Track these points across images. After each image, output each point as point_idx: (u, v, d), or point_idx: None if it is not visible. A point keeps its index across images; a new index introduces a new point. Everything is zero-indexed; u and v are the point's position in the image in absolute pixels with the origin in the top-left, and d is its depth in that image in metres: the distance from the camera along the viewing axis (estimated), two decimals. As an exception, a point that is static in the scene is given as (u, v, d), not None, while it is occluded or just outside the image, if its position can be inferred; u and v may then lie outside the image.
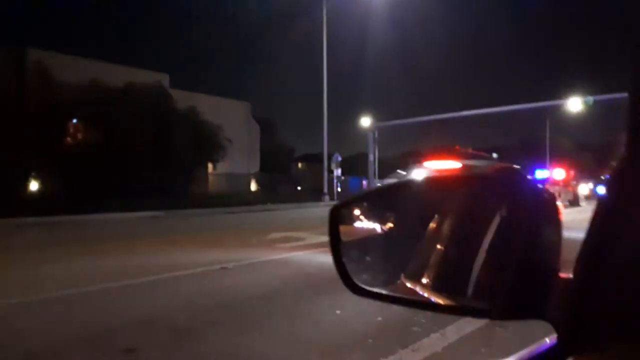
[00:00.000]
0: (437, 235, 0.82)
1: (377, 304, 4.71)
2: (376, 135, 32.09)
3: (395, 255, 0.89)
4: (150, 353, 3.53)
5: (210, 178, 27.51)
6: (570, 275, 0.53)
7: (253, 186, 30.21)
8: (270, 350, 3.59)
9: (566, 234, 0.59)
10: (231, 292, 5.45)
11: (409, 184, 0.89)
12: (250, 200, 23.17)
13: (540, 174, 23.76)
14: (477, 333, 3.67)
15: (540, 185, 0.63)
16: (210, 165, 26.47)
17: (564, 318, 0.52)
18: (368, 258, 0.87)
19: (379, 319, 4.16)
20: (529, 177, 0.76)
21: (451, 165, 13.75)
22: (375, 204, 0.93)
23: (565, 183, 21.16)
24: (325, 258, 8.26)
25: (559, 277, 0.55)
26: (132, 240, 10.50)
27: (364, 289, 0.80)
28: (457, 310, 0.72)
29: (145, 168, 20.29)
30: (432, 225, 0.84)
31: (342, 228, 0.87)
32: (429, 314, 0.71)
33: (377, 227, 0.89)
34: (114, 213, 16.27)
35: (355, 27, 61.39)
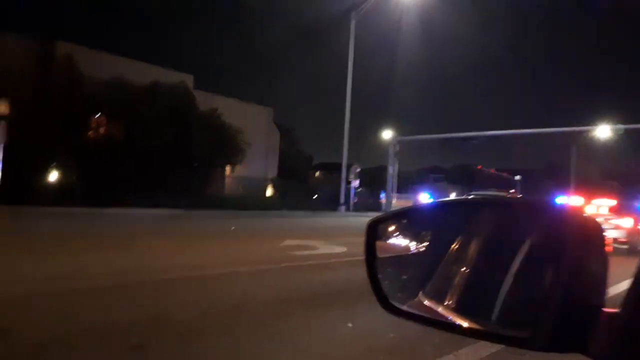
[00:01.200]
0: (461, 256, 0.79)
1: (390, 319, 4.60)
2: (397, 148, 31.93)
3: (423, 274, 0.84)
4: (158, 351, 3.48)
5: (228, 180, 27.67)
6: (617, 310, 0.52)
7: (269, 191, 30.28)
8: (278, 359, 3.50)
9: None
10: (243, 297, 5.39)
11: (447, 204, 0.84)
12: (266, 205, 23.23)
13: (560, 199, 23.45)
14: (493, 357, 3.52)
15: (586, 214, 0.61)
16: (228, 168, 26.67)
17: (608, 354, 0.51)
18: (404, 277, 0.83)
19: (391, 335, 4.05)
20: (573, 205, 0.71)
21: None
22: (413, 222, 0.90)
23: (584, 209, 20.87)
24: (339, 269, 8.18)
25: (604, 311, 0.54)
26: (147, 237, 10.55)
27: (396, 307, 0.78)
28: (496, 338, 0.68)
29: (164, 166, 20.52)
30: (454, 246, 0.82)
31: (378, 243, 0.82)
32: (443, 334, 0.66)
33: (411, 244, 0.84)
34: (132, 208, 16.47)
35: (382, 40, 61.49)
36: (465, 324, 0.69)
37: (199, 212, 18.22)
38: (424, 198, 52.55)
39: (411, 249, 0.86)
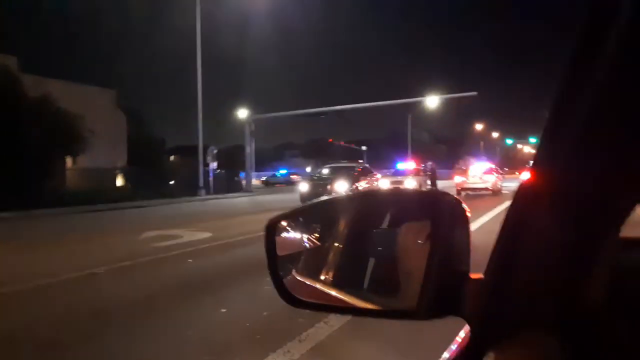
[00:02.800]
0: (333, 234, 0.87)
1: (261, 300, 4.77)
2: (253, 127, 31.97)
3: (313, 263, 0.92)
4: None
5: (70, 173, 24.87)
6: (481, 276, 0.61)
7: (120, 181, 28.04)
8: (155, 356, 3.45)
9: None
10: (104, 299, 5.07)
11: (329, 201, 0.95)
12: (117, 197, 21.47)
13: (400, 165, 26.06)
14: (356, 320, 3.93)
15: (450, 194, 0.71)
16: (69, 159, 23.95)
17: (476, 314, 0.60)
18: (303, 265, 0.90)
19: (265, 313, 4.24)
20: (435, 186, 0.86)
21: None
22: (306, 218, 0.96)
23: (417, 172, 23.56)
24: (206, 255, 8.11)
25: (470, 277, 0.62)
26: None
27: (301, 300, 0.82)
28: (385, 314, 0.75)
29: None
30: (326, 226, 0.89)
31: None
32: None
33: (303, 237, 0.93)
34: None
35: (234, 18, 60.05)
36: (354, 303, 0.75)
37: (36, 212, 16.17)
38: (281, 174, 53.61)
39: (304, 241, 0.91)
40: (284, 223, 0.91)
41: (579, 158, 0.51)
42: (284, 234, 0.91)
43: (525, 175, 0.58)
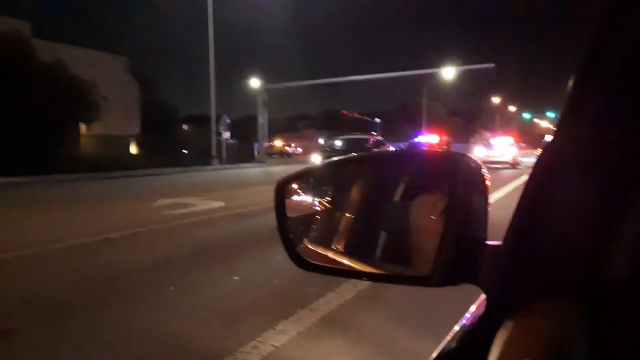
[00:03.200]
0: (344, 202, 0.84)
1: (273, 268, 4.79)
2: (266, 97, 31.75)
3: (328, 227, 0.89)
4: (28, 335, 3.22)
5: (84, 140, 25.08)
6: (499, 243, 0.58)
7: (133, 149, 28.24)
8: (167, 322, 3.48)
9: None
10: (118, 265, 5.14)
11: (341, 162, 0.90)
12: (131, 164, 21.65)
13: (419, 139, 25.80)
14: (369, 291, 3.93)
15: (468, 156, 0.65)
16: (83, 126, 24.11)
17: (493, 282, 0.57)
18: (315, 233, 0.86)
19: (276, 282, 4.25)
20: (454, 151, 0.80)
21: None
22: (316, 180, 0.93)
23: (440, 147, 23.62)
24: (219, 224, 8.16)
25: (487, 244, 0.59)
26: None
27: (311, 263, 0.79)
28: (398, 280, 0.73)
29: (2, 128, 17.81)
30: (337, 193, 0.86)
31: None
32: (326, 276, 0.73)
33: (314, 200, 0.89)
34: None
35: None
36: (369, 270, 0.73)
37: (51, 178, 16.39)
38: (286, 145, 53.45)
39: (315, 204, 0.89)
40: (294, 185, 0.88)
41: (602, 126, 0.50)
42: (295, 197, 0.87)
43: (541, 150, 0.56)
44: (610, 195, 0.50)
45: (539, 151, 0.58)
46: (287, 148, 53.55)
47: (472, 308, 0.67)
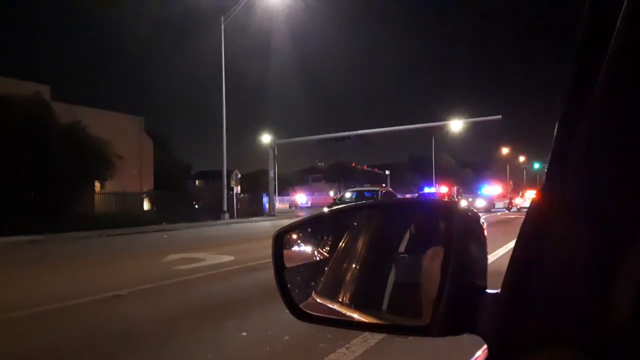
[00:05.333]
0: (351, 254, 0.84)
1: (283, 323, 4.72)
2: (276, 152, 32.29)
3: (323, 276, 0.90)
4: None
5: (98, 197, 25.50)
6: (498, 291, 0.58)
7: (146, 205, 28.55)
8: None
9: None
10: (127, 321, 5.09)
11: (342, 210, 0.93)
12: (143, 220, 21.82)
13: (428, 190, 25.87)
14: (380, 346, 3.84)
15: (465, 207, 0.68)
16: (97, 184, 24.58)
17: (493, 331, 0.57)
18: (312, 283, 0.88)
19: (286, 338, 4.17)
20: (451, 199, 0.82)
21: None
22: (315, 229, 0.94)
23: (449, 197, 23.79)
24: (228, 279, 8.08)
25: (487, 293, 0.60)
26: (5, 268, 9.35)
27: (308, 314, 0.80)
28: (396, 330, 0.74)
29: (19, 188, 18.22)
30: (342, 244, 0.86)
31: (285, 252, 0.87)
32: (333, 330, 0.71)
33: (314, 250, 0.90)
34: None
35: (255, 45, 61.59)
36: (368, 321, 0.73)
37: (65, 235, 16.54)
38: (301, 199, 54.01)
39: (315, 255, 0.89)
40: (293, 235, 0.90)
41: (592, 168, 0.50)
42: (295, 247, 0.89)
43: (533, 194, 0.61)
44: (606, 240, 0.49)
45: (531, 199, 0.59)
46: (297, 200, 54.00)
47: (476, 356, 0.67)
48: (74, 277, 8.11)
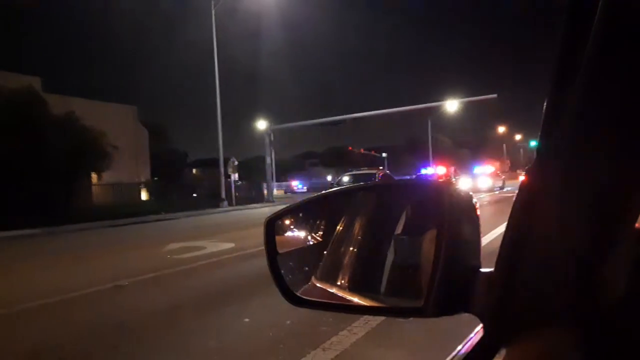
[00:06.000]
0: (348, 237, 0.84)
1: (284, 308, 4.75)
2: (272, 137, 32.18)
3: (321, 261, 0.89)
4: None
5: (95, 189, 25.45)
6: (491, 270, 0.58)
7: (144, 195, 28.52)
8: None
9: None
10: (128, 312, 5.10)
11: (334, 194, 0.91)
12: (141, 210, 21.80)
13: (425, 171, 25.92)
14: (382, 327, 3.85)
15: (458, 186, 0.67)
16: (94, 176, 24.50)
17: (488, 310, 0.57)
18: (306, 268, 0.87)
19: (288, 322, 4.19)
20: (443, 179, 0.81)
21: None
22: (307, 214, 0.93)
23: (447, 177, 23.84)
24: (229, 266, 8.12)
25: (481, 272, 0.60)
26: (4, 263, 9.34)
27: (303, 299, 0.80)
28: (392, 312, 0.74)
29: (14, 182, 18.13)
30: (339, 228, 0.86)
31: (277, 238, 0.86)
32: (337, 315, 0.72)
33: (308, 235, 0.90)
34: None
35: (247, 30, 61.02)
36: (363, 303, 0.74)
37: (63, 228, 16.51)
38: (295, 184, 54.21)
39: (308, 240, 0.89)
40: (286, 221, 0.89)
41: (581, 146, 0.51)
42: (288, 233, 0.88)
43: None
44: (597, 218, 0.49)
45: (522, 176, 0.58)
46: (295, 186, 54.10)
47: (471, 336, 0.66)
48: (73, 270, 8.11)
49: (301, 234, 0.91)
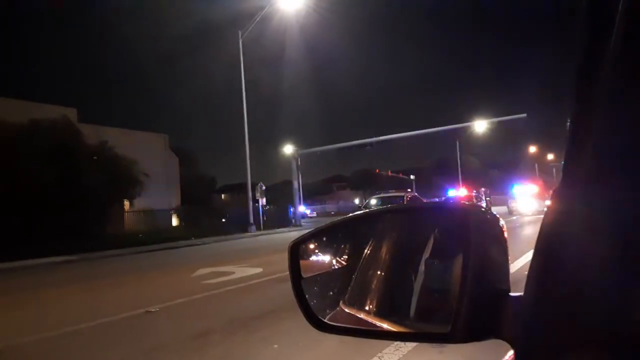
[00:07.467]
0: (375, 262, 0.83)
1: (314, 334, 4.68)
2: (299, 162, 32.41)
3: (347, 286, 0.88)
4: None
5: (127, 216, 26.04)
6: (521, 294, 0.56)
7: (174, 221, 29.01)
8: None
9: None
10: (158, 337, 5.12)
11: (359, 217, 0.90)
12: (172, 236, 22.15)
13: (452, 192, 25.67)
14: (413, 353, 3.74)
15: (484, 209, 0.66)
16: (126, 203, 25.12)
17: (519, 335, 0.55)
18: (331, 292, 0.85)
19: (317, 349, 4.11)
20: (472, 202, 0.79)
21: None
22: (331, 238, 0.92)
23: (469, 198, 23.59)
24: (257, 291, 8.09)
25: (510, 296, 0.58)
26: (42, 289, 9.58)
27: (327, 324, 0.79)
28: (419, 338, 0.72)
29: (52, 210, 18.75)
30: (367, 251, 0.85)
31: (302, 263, 0.85)
32: (365, 340, 0.71)
33: (332, 259, 0.88)
34: (19, 261, 14.79)
35: (273, 57, 62.29)
36: (389, 329, 0.72)
37: (97, 254, 16.90)
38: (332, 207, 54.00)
39: (333, 264, 0.88)
40: (310, 245, 0.88)
41: (607, 167, 0.50)
42: (312, 257, 0.87)
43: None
44: (626, 240, 0.48)
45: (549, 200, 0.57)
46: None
47: None
48: (106, 295, 8.25)
49: (326, 258, 0.90)
